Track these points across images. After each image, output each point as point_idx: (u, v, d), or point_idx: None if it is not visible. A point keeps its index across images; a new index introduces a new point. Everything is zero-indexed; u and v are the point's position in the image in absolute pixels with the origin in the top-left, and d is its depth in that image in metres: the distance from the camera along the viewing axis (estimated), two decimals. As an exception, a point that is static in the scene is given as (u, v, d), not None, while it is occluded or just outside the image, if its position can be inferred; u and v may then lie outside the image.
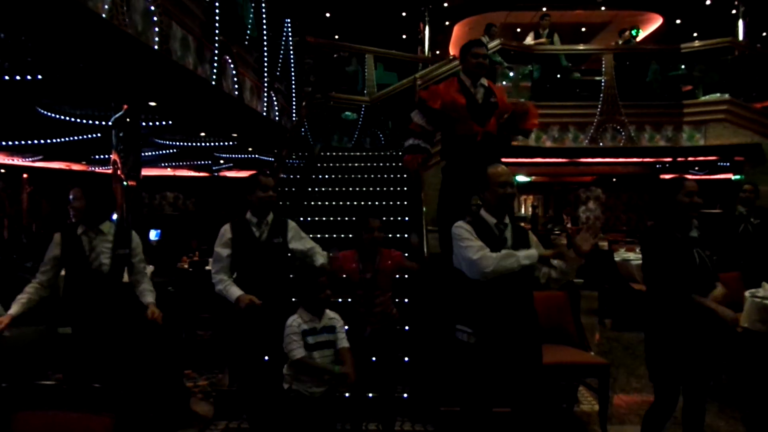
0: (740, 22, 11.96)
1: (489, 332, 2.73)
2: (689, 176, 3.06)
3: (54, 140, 8.66)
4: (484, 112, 3.85)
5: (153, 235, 10.01)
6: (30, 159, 11.71)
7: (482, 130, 3.80)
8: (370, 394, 3.47)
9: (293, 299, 3.05)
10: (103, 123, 6.91)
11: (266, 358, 3.21)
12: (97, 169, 13.15)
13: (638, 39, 10.99)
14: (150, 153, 10.36)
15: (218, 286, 3.20)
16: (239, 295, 3.10)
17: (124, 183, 5.91)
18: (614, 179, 15.24)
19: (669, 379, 2.89)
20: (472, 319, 2.77)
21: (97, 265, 3.15)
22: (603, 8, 13.05)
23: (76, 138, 8.33)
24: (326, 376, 2.83)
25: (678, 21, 13.38)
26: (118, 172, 5.95)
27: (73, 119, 6.90)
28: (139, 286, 3.34)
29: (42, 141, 8.77)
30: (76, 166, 12.92)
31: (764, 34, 13.54)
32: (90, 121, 6.95)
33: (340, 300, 4.49)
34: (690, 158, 9.97)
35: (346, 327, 3.04)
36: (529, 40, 10.04)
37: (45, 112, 6.63)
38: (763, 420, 3.95)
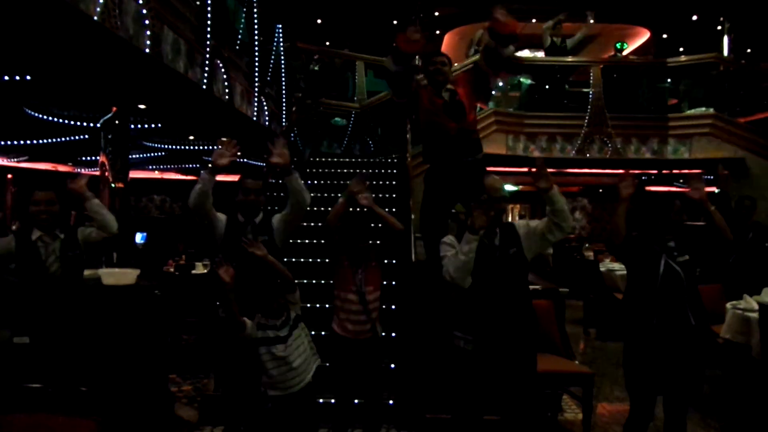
0: (725, 38, 12.19)
1: (486, 339, 2.77)
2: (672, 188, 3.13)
3: (41, 141, 8.59)
4: (454, 111, 3.90)
5: (139, 238, 9.93)
6: (15, 159, 11.59)
7: (457, 126, 3.85)
8: (356, 401, 3.46)
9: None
10: (92, 125, 6.87)
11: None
12: (83, 171, 13.04)
13: (624, 52, 11.14)
14: (137, 155, 10.29)
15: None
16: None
17: (112, 185, 5.89)
18: (600, 190, 15.38)
19: (641, 388, 2.94)
20: (470, 325, 2.81)
21: (53, 271, 3.10)
22: (591, 21, 13.22)
23: (63, 139, 8.26)
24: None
25: (665, 35, 13.59)
26: (106, 174, 5.92)
27: (60, 120, 6.85)
28: None
29: (28, 142, 8.69)
30: (62, 168, 12.80)
31: (749, 50, 13.80)
32: (78, 123, 6.90)
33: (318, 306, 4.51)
34: (675, 171, 10.12)
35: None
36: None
37: (33, 113, 6.58)
38: (743, 429, 4.01)
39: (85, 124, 6.94)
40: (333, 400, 3.59)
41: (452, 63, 4.17)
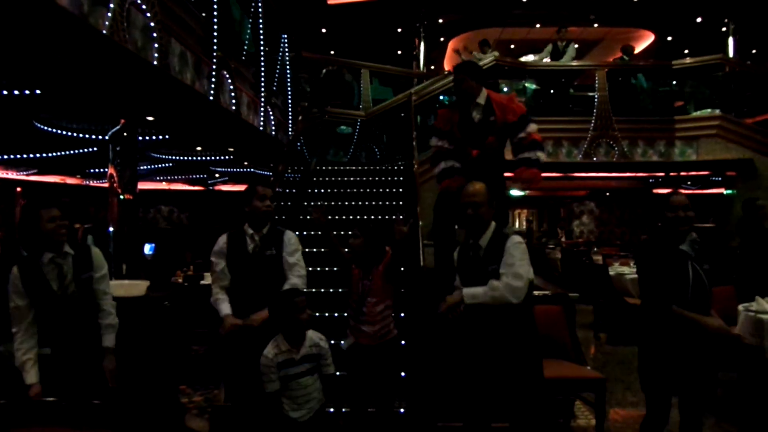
0: (730, 40, 12.16)
1: (475, 349, 2.82)
2: (681, 190, 3.10)
3: (50, 154, 8.66)
4: (480, 132, 3.91)
5: (147, 249, 9.98)
6: (24, 173, 11.68)
7: (477, 152, 3.87)
8: (369, 409, 3.45)
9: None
10: (100, 137, 6.92)
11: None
12: (92, 183, 13.13)
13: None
14: (145, 167, 10.36)
15: (212, 298, 3.22)
16: (225, 314, 3.11)
17: (121, 197, 5.92)
18: (608, 194, 15.34)
19: (657, 389, 2.93)
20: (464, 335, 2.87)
21: (69, 293, 2.98)
22: (596, 25, 13.24)
23: (72, 152, 8.33)
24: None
25: (669, 38, 13.59)
26: (115, 185, 5.96)
27: (69, 133, 6.90)
28: (102, 317, 3.08)
29: (37, 155, 8.76)
30: (70, 180, 12.89)
31: (754, 51, 13.76)
32: (87, 135, 6.96)
33: (327, 314, 4.51)
34: (682, 173, 10.08)
35: (337, 341, 3.04)
36: (546, 53, 10.20)
37: (42, 126, 6.64)
38: (758, 433, 3.97)
39: (93, 136, 6.99)
40: (343, 409, 3.58)
41: (473, 75, 4.03)
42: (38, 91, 4.74)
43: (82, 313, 3.03)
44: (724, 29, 12.28)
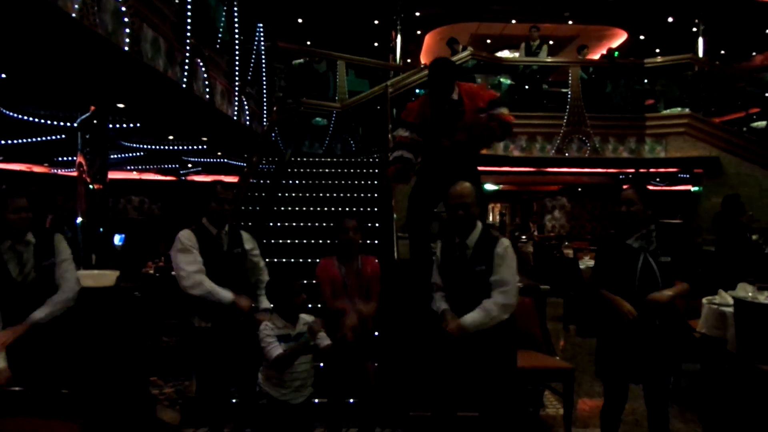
0: (700, 40, 12.43)
1: (455, 341, 2.85)
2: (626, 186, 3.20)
3: (15, 141, 8.42)
4: (449, 121, 3.91)
5: (117, 239, 9.80)
6: (-12, 160, 11.34)
7: (448, 143, 3.87)
8: (351, 400, 3.46)
9: (271, 305, 3.01)
10: (69, 124, 6.76)
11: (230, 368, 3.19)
12: (59, 172, 12.82)
13: (599, 55, 11.30)
14: (116, 156, 10.15)
15: (204, 286, 3.08)
16: (235, 297, 3.07)
17: (90, 186, 5.81)
18: (579, 189, 15.58)
19: (610, 375, 3.04)
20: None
21: (29, 280, 2.95)
22: (570, 22, 13.39)
23: (39, 139, 8.12)
24: (303, 353, 2.80)
25: (642, 37, 13.81)
26: (84, 174, 5.84)
27: (36, 120, 6.72)
28: (55, 295, 3.04)
29: (2, 142, 8.51)
30: (37, 168, 12.56)
31: (722, 52, 14.08)
32: (54, 122, 6.79)
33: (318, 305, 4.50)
34: (651, 170, 10.30)
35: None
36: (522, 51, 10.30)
37: (7, 112, 6.46)
38: (720, 421, 4.10)
39: (61, 123, 6.82)
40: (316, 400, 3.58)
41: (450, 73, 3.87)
42: (3, 75, 4.60)
43: (41, 301, 2.97)
44: (694, 29, 12.55)
